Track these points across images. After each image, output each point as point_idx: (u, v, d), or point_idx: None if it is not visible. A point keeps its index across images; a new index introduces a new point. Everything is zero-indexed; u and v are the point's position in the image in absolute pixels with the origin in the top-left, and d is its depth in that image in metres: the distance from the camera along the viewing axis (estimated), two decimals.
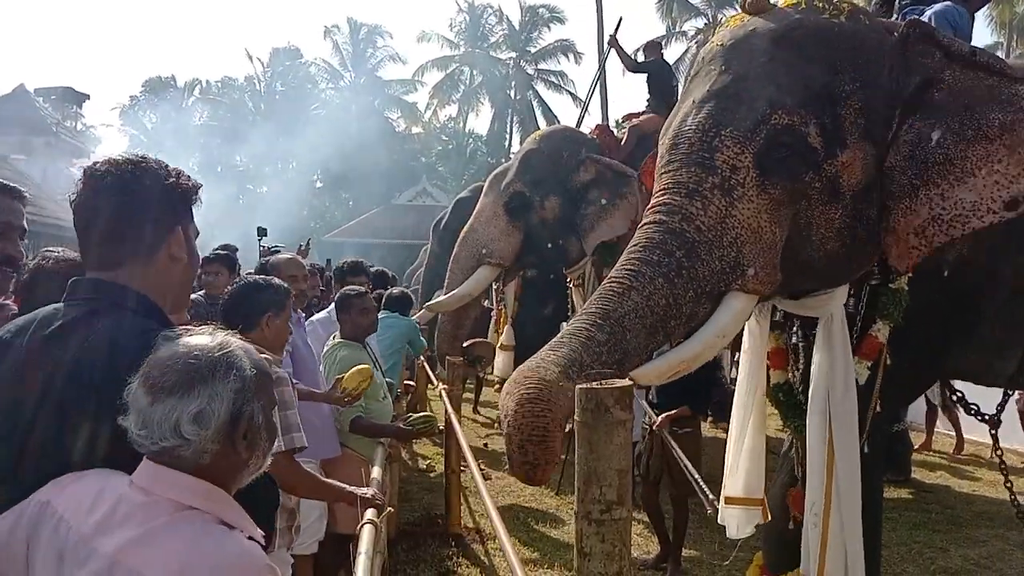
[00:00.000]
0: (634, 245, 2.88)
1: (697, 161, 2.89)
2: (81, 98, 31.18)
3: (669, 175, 2.97)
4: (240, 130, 35.07)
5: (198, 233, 1.74)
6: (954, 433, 8.14)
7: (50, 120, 24.44)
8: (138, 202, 1.57)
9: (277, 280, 3.16)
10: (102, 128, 40.85)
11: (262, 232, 8.51)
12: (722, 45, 3.13)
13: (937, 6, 3.73)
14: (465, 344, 7.01)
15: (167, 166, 1.65)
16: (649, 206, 3.01)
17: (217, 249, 5.27)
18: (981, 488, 6.87)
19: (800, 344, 3.52)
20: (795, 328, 3.56)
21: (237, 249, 6.44)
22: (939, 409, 8.14)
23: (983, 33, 27.09)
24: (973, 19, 4.01)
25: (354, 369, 3.75)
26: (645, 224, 2.93)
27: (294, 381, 3.15)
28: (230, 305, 3.01)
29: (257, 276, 3.31)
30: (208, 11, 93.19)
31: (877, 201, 2.98)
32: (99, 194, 1.57)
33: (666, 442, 4.62)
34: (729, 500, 3.57)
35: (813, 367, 3.25)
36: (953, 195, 2.87)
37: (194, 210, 1.70)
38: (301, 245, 8.36)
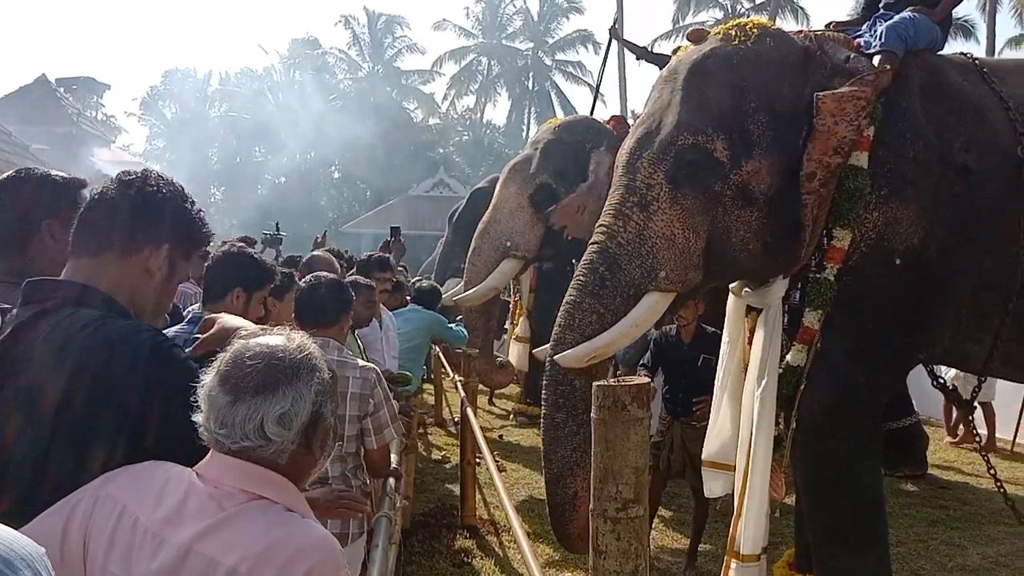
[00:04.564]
0: (578, 267, 3.43)
1: (624, 183, 3.42)
2: (102, 88, 31.38)
3: (609, 198, 3.51)
4: (259, 120, 35.19)
5: (187, 278, 1.75)
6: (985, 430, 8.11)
7: (71, 110, 24.54)
8: (140, 202, 1.59)
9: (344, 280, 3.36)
10: (123, 118, 41.10)
11: (277, 227, 8.76)
12: (661, 74, 3.64)
13: (895, 18, 3.79)
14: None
15: (192, 200, 1.68)
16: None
17: (236, 242, 5.28)
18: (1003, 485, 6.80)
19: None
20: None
21: (255, 242, 6.46)
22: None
23: (1007, 25, 26.66)
24: (947, 24, 4.08)
25: None
26: (589, 244, 3.45)
27: None
28: (316, 301, 3.07)
29: (328, 275, 3.34)
30: (227, 1, 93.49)
31: (798, 200, 3.32)
32: (118, 188, 1.59)
33: (686, 437, 4.63)
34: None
35: (752, 350, 3.67)
36: None
37: (196, 247, 1.72)
38: (318, 237, 8.40)
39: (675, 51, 3.80)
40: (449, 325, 6.24)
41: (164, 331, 1.87)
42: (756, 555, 3.54)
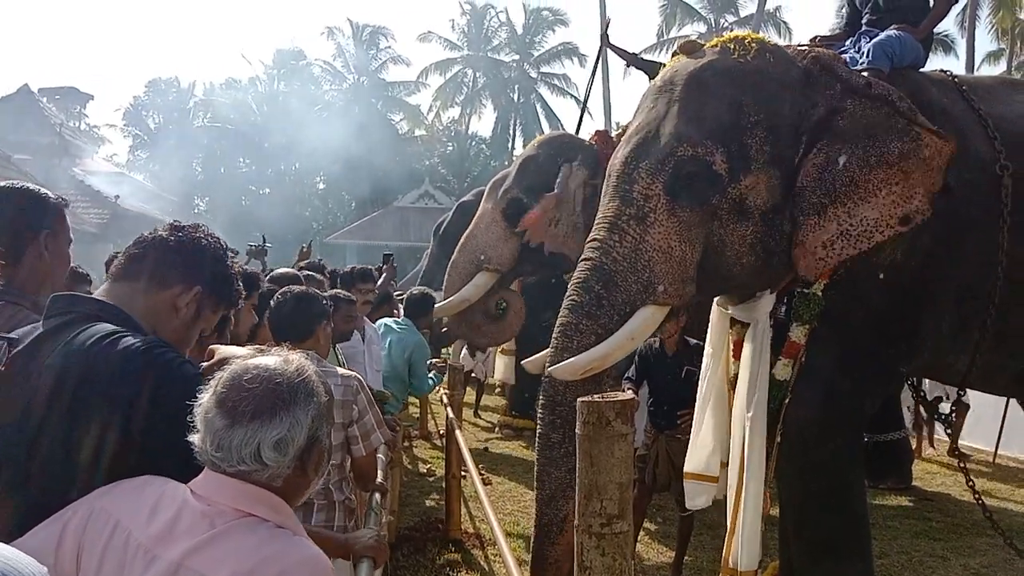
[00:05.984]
0: (570, 285, 3.31)
1: (620, 195, 3.32)
2: (85, 98, 31.16)
3: (601, 209, 3.41)
4: (243, 131, 35.08)
5: (208, 331, 1.81)
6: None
7: (54, 120, 24.36)
8: (184, 244, 1.67)
9: (314, 288, 3.29)
10: (105, 128, 40.72)
11: (263, 239, 8.70)
12: (654, 84, 3.57)
13: (881, 36, 3.84)
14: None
15: (233, 261, 1.78)
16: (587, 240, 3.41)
17: None
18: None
19: None
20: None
21: (237, 252, 6.42)
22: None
23: (984, 40, 26.94)
24: (929, 42, 4.13)
25: None
26: (580, 260, 3.36)
27: None
28: (284, 316, 3.01)
29: (296, 287, 3.27)
30: (211, 12, 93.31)
31: (790, 218, 3.32)
32: (168, 231, 1.69)
33: (671, 450, 4.63)
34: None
35: (741, 365, 3.63)
36: (859, 213, 3.26)
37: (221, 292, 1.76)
38: (303, 247, 8.35)
39: (673, 57, 3.75)
40: (425, 364, 5.82)
41: None
42: (754, 571, 3.52)
